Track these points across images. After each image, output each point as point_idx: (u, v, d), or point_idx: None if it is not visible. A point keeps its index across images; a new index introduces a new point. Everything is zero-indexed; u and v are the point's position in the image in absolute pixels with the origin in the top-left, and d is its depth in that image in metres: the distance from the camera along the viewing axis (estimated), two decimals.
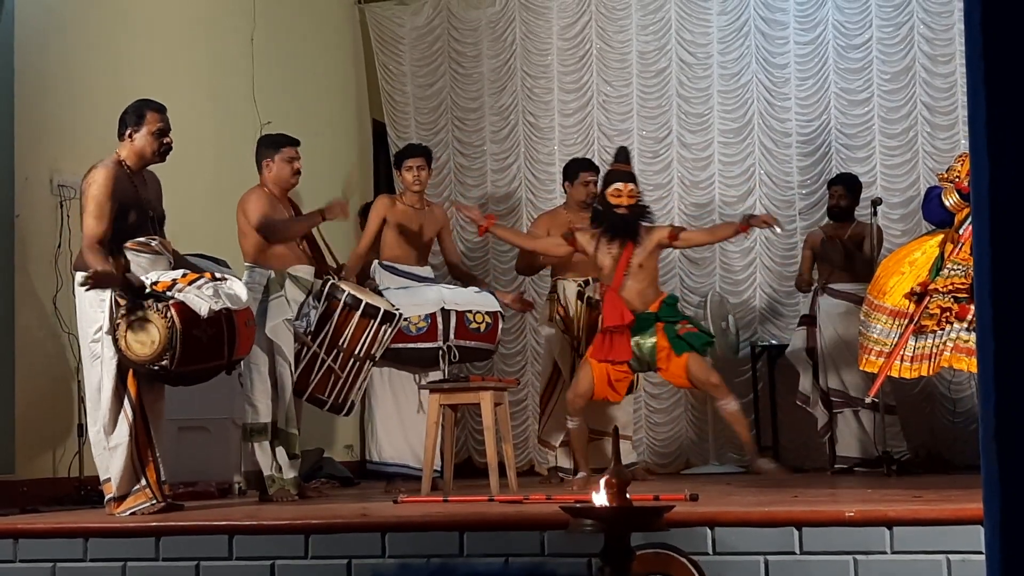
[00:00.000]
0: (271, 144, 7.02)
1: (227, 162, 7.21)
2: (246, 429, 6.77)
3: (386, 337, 6.99)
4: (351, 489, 8.21)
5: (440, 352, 7.38)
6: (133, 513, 5.65)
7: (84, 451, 6.94)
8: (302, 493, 6.82)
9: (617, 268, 7.22)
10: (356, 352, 6.89)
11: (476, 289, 7.76)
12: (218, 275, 5.89)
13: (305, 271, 6.94)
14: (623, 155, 7.62)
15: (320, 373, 6.86)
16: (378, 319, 6.89)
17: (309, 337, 6.80)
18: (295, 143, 7.00)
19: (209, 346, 5.67)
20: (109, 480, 5.79)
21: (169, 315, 5.52)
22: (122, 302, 5.59)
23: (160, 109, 6.02)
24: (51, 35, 7.33)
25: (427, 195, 8.22)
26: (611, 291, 7.19)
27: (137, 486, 5.75)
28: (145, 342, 5.53)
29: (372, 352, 6.96)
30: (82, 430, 6.96)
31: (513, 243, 8.25)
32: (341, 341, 6.85)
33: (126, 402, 5.74)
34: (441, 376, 7.34)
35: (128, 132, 5.95)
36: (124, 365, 5.69)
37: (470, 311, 7.48)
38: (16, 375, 6.91)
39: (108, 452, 5.76)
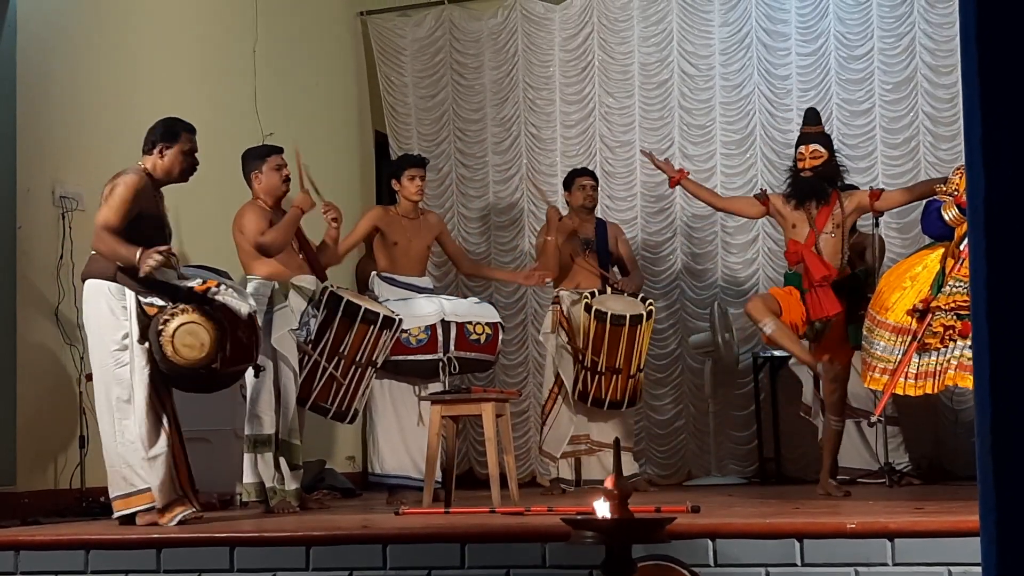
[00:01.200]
0: (256, 156, 7.04)
1: (229, 174, 7.20)
2: (250, 440, 6.76)
3: (387, 343, 7.00)
4: (353, 500, 8.21)
5: (440, 364, 7.38)
6: (179, 523, 5.66)
7: (86, 463, 6.94)
8: (304, 504, 6.82)
9: (811, 230, 7.06)
10: (357, 359, 6.90)
11: (476, 300, 7.78)
12: (225, 283, 5.94)
13: (307, 281, 6.95)
14: (812, 116, 7.43)
15: (322, 381, 6.87)
16: (378, 324, 6.92)
17: (310, 346, 6.80)
18: (279, 150, 7.03)
19: (245, 348, 5.81)
20: (148, 490, 5.75)
21: (218, 317, 5.61)
22: (161, 307, 5.61)
23: (192, 130, 6.07)
24: (53, 46, 7.34)
25: (425, 204, 8.24)
26: (807, 248, 7.03)
27: (175, 496, 5.76)
28: (194, 345, 5.57)
29: (373, 358, 6.97)
30: (84, 441, 6.96)
31: (704, 199, 7.96)
32: (342, 348, 6.87)
33: (160, 412, 5.76)
34: (441, 387, 7.34)
35: (159, 148, 5.96)
36: (157, 374, 5.70)
37: (470, 322, 7.49)
38: (18, 386, 6.91)
39: (148, 462, 5.75)
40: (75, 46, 7.52)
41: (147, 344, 5.69)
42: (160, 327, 5.59)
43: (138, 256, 5.62)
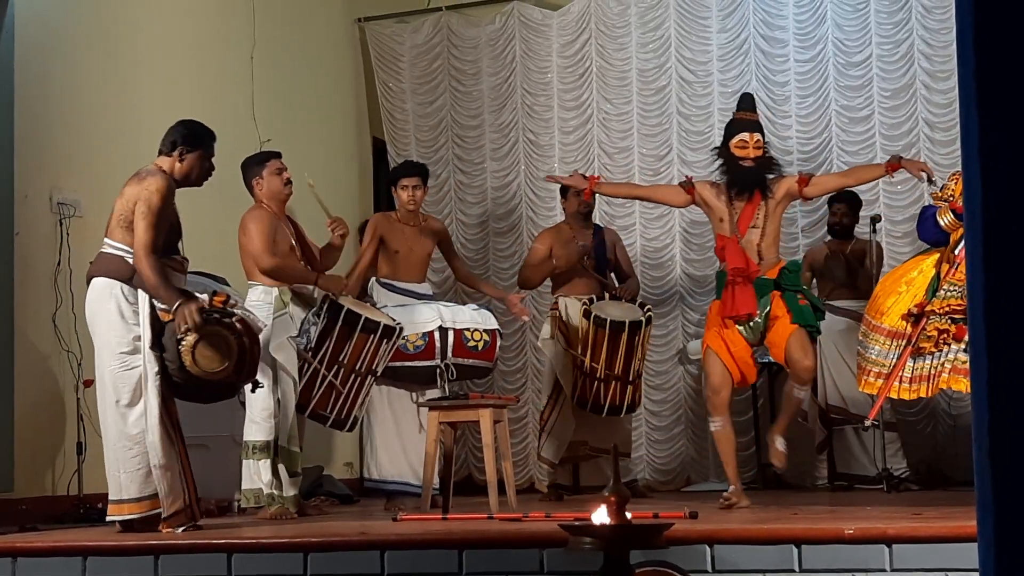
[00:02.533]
0: (255, 163, 7.06)
1: (227, 181, 7.20)
2: (247, 446, 6.76)
3: (387, 352, 6.99)
4: (351, 507, 8.20)
5: (438, 370, 7.38)
6: (186, 530, 5.65)
7: (83, 469, 6.93)
8: (302, 511, 6.81)
9: (740, 219, 6.68)
10: (357, 367, 6.89)
11: (475, 306, 7.76)
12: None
13: (308, 288, 6.95)
14: (747, 102, 7.08)
15: (321, 389, 6.86)
16: (378, 333, 6.90)
17: (309, 353, 6.80)
18: (278, 155, 7.04)
19: (256, 360, 5.87)
20: (156, 497, 5.75)
21: (239, 329, 5.65)
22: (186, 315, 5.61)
23: (215, 138, 6.07)
24: (51, 53, 7.34)
25: (424, 211, 8.23)
26: (732, 241, 6.65)
27: (183, 504, 5.75)
28: (214, 357, 5.57)
29: (373, 367, 6.96)
30: (81, 448, 6.96)
31: (624, 195, 7.94)
32: (341, 357, 6.85)
33: (168, 421, 5.75)
34: (439, 394, 7.33)
35: (180, 151, 5.92)
36: (167, 381, 5.68)
37: (468, 329, 7.48)
38: (15, 393, 6.90)
39: (160, 470, 5.73)
40: (73, 52, 7.52)
41: (158, 351, 5.67)
42: (180, 335, 5.58)
43: (176, 306, 5.58)
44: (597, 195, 8.61)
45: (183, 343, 5.55)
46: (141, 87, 7.90)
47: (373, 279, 7.88)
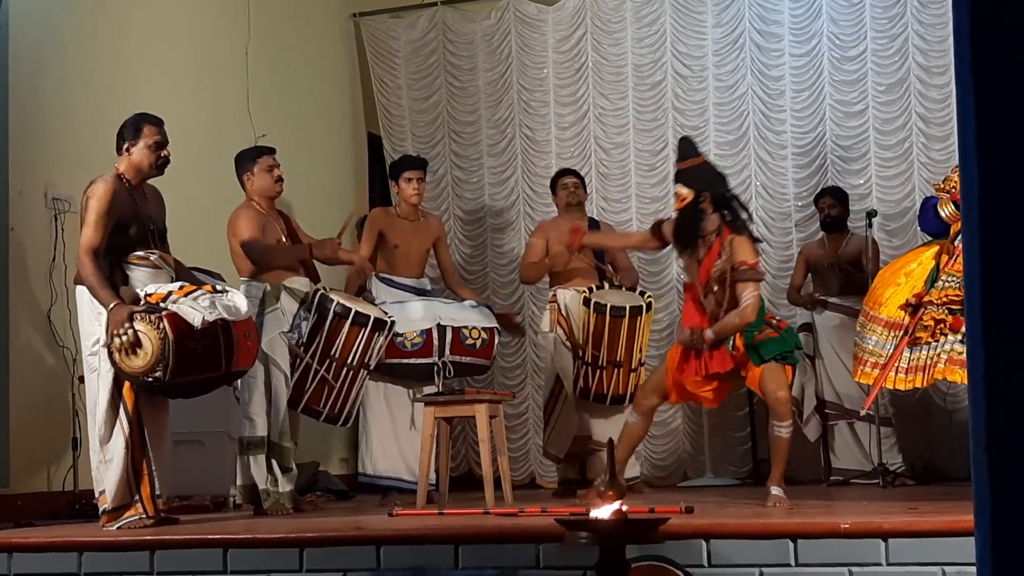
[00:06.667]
0: (247, 158, 7.04)
1: (222, 176, 7.20)
2: (243, 442, 6.75)
3: (379, 345, 6.97)
4: (346, 502, 8.19)
5: (435, 367, 7.37)
6: (122, 527, 5.64)
7: (79, 465, 6.92)
8: (297, 506, 6.81)
9: (700, 273, 6.40)
10: (349, 361, 6.87)
11: (473, 303, 7.75)
12: (219, 287, 5.89)
13: (300, 283, 6.93)
14: (681, 148, 6.67)
15: (314, 384, 6.84)
16: (369, 326, 6.87)
17: (301, 348, 6.79)
18: (271, 151, 7.02)
19: (204, 358, 5.64)
20: (104, 492, 5.77)
21: (161, 326, 5.50)
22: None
23: (157, 122, 6.02)
24: (46, 48, 7.33)
25: (423, 206, 8.22)
26: (691, 295, 6.45)
27: (130, 499, 5.74)
28: (138, 354, 5.52)
29: (365, 361, 6.93)
30: (77, 444, 6.95)
31: (606, 245, 7.96)
32: (333, 351, 6.84)
33: (122, 414, 5.73)
34: (435, 391, 7.33)
35: (126, 146, 5.95)
36: (119, 378, 5.68)
37: (466, 327, 7.47)
38: (11, 389, 6.90)
39: (104, 465, 5.75)
40: (68, 47, 7.51)
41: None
42: (112, 336, 5.58)
43: (109, 308, 5.59)
44: (590, 191, 8.63)
45: (113, 343, 5.54)
46: (136, 82, 7.88)
47: (372, 274, 7.87)
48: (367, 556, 4.81)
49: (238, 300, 5.82)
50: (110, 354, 5.59)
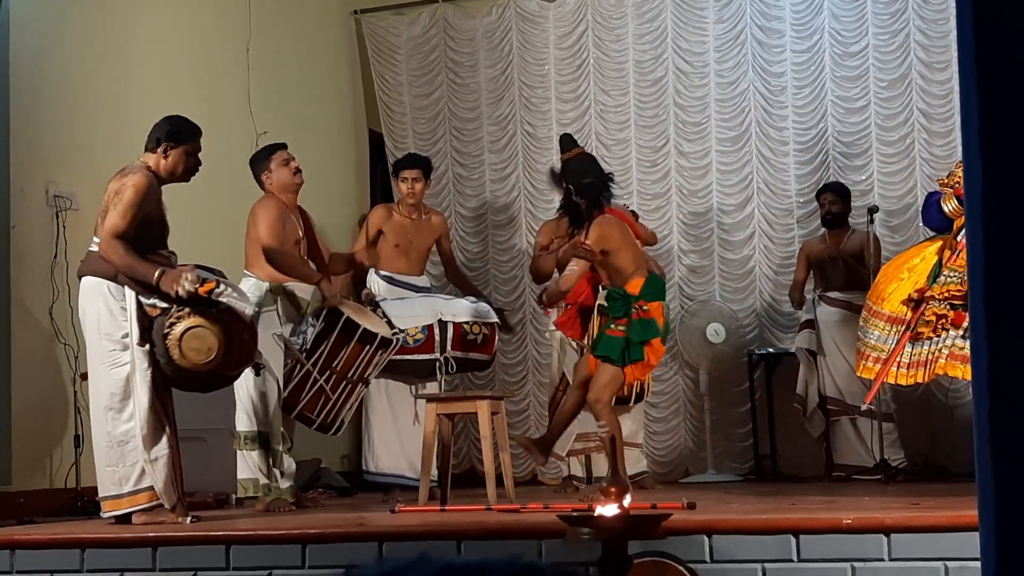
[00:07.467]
0: (261, 157, 7.02)
1: (222, 173, 7.19)
2: (239, 437, 6.75)
3: (381, 361, 6.94)
4: (348, 499, 8.19)
5: (437, 363, 7.36)
6: (195, 520, 5.66)
7: (81, 462, 6.93)
8: (299, 503, 6.81)
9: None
10: (349, 375, 6.82)
11: (473, 299, 7.74)
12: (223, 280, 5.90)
13: (304, 291, 6.88)
14: (561, 143, 7.65)
15: (311, 393, 6.79)
16: (374, 345, 6.84)
17: (304, 354, 6.75)
18: (283, 146, 7.01)
19: (249, 349, 5.82)
20: (132, 493, 5.73)
21: (224, 320, 5.57)
22: (164, 308, 5.58)
23: (200, 132, 6.02)
24: (47, 46, 7.33)
25: (426, 203, 8.22)
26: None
27: (177, 499, 5.76)
28: (201, 349, 5.55)
29: (365, 376, 6.90)
30: (79, 441, 6.95)
31: (565, 292, 8.06)
32: (335, 363, 6.79)
33: (162, 414, 5.74)
34: (437, 387, 7.32)
35: (164, 147, 5.88)
36: (159, 376, 5.67)
37: (467, 322, 7.46)
38: (12, 386, 6.89)
39: (150, 465, 5.73)
40: (68, 45, 7.50)
41: (147, 346, 5.67)
42: (166, 330, 5.56)
43: (156, 275, 5.58)
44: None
45: (169, 336, 5.54)
46: (137, 79, 7.88)
47: (372, 271, 7.86)
48: (369, 552, 4.81)
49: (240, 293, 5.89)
50: (167, 350, 5.57)
